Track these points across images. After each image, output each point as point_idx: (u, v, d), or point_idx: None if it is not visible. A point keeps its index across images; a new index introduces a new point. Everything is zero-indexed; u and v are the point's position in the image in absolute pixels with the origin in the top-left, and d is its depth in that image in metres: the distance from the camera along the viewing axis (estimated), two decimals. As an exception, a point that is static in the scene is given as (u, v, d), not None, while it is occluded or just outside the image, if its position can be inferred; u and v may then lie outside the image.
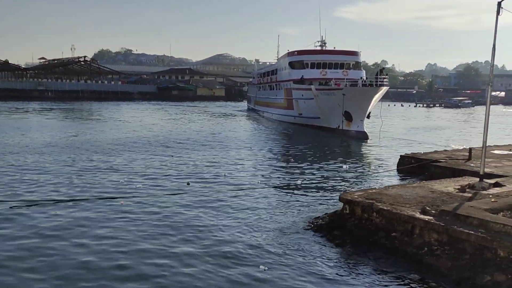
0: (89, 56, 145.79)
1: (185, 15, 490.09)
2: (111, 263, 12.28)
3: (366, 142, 41.28)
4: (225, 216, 16.79)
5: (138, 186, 21.04)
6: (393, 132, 50.75)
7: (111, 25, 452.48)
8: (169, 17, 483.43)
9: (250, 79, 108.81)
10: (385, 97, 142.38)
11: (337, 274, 11.97)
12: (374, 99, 44.15)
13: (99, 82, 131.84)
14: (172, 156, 30.08)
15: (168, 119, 63.16)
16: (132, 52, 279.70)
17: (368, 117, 46.96)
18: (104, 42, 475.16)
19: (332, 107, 46.09)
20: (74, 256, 12.66)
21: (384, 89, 44.62)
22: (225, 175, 23.83)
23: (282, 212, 17.34)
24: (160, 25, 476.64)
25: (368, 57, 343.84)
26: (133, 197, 19.02)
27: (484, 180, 17.02)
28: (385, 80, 44.30)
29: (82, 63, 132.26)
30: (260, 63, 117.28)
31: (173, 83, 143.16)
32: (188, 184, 21.71)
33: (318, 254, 13.21)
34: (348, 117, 45.03)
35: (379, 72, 45.04)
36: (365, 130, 44.36)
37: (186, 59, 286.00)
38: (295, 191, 20.73)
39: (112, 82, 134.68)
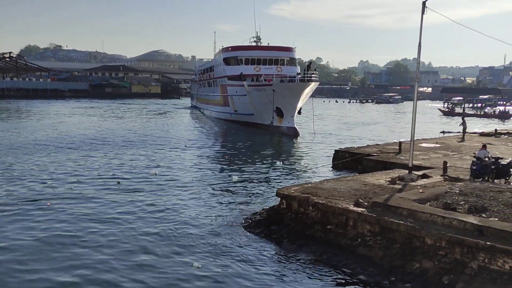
0: (15, 52, 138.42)
1: (118, 9, 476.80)
2: (29, 265, 11.73)
3: (297, 138, 41.52)
4: (158, 214, 16.46)
5: (66, 186, 20.19)
6: (328, 127, 51.99)
7: (38, 19, 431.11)
8: (101, 12, 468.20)
9: (192, 76, 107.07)
10: (320, 93, 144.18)
11: (273, 269, 12.05)
12: (303, 94, 44.11)
13: (27, 79, 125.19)
14: (105, 154, 29.14)
15: (101, 118, 61.02)
16: (62, 48, 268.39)
17: (299, 113, 47.08)
18: (31, 38, 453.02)
19: (264, 104, 45.92)
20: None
21: (313, 85, 44.67)
22: (155, 174, 23.28)
23: (219, 209, 17.25)
24: (91, 20, 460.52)
25: (303, 54, 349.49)
26: (61, 198, 18.23)
27: (412, 172, 17.83)
28: (313, 75, 44.38)
29: (7, 59, 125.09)
30: (197, 60, 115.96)
31: (106, 80, 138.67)
32: (118, 183, 21.10)
33: (255, 249, 13.24)
34: (279, 113, 44.88)
35: (307, 68, 45.13)
36: (295, 126, 44.46)
37: (120, 55, 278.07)
38: (232, 188, 20.68)
39: (41, 80, 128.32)
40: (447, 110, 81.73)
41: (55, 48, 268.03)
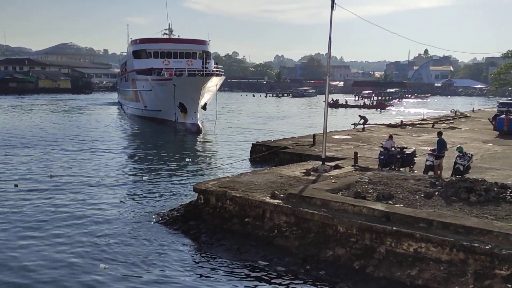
0: None
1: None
2: None
3: (199, 134, 40.38)
4: (61, 216, 15.62)
5: None
6: (245, 121, 52.30)
7: None
8: (2, 1, 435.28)
9: (106, 70, 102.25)
10: (237, 88, 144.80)
11: (190, 265, 11.94)
12: (205, 89, 41.76)
13: None
14: (6, 154, 27.15)
15: (3, 116, 56.42)
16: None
17: (204, 108, 45.44)
18: None
19: (168, 99, 43.17)
20: None
21: (216, 79, 43.00)
22: (51, 176, 21.70)
23: (130, 209, 16.67)
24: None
25: (220, 49, 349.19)
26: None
27: (326, 163, 18.48)
28: (216, 70, 42.81)
29: None
30: (110, 53, 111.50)
31: (10, 75, 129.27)
32: (16, 186, 19.71)
33: (172, 246, 13.04)
34: (183, 109, 42.86)
35: (203, 61, 43.19)
36: (198, 122, 42.56)
37: (25, 48, 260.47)
38: (143, 188, 20.00)
39: None
40: (331, 102, 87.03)
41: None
